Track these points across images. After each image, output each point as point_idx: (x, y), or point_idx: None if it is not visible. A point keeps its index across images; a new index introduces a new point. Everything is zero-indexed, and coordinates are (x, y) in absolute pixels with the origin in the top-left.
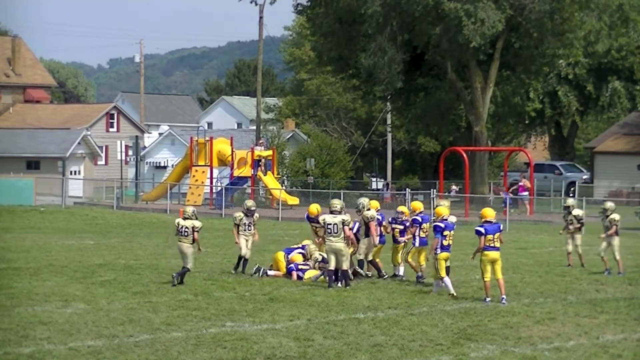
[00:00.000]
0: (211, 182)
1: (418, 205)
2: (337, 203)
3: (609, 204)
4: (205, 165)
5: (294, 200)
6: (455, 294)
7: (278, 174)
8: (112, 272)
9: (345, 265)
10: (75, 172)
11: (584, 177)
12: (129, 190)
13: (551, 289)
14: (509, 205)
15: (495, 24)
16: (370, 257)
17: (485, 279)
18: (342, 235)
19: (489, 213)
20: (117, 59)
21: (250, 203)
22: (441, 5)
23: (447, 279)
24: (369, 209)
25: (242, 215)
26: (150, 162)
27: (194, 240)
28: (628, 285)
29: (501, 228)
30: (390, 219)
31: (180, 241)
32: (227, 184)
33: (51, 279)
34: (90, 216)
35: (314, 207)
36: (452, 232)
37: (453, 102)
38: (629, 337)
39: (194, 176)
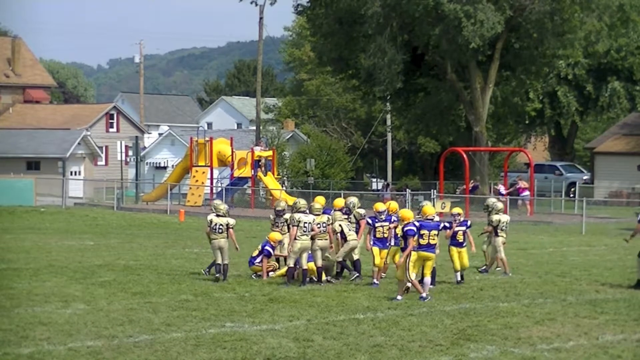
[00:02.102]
0: (211, 183)
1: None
2: (304, 203)
3: (491, 201)
4: (205, 166)
5: (293, 201)
6: (408, 288)
7: (278, 175)
8: (112, 273)
9: (320, 263)
10: (75, 172)
11: (584, 177)
12: (129, 190)
13: (551, 289)
14: (508, 205)
15: (494, 26)
16: (357, 257)
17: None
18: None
19: (430, 210)
20: (116, 59)
21: (220, 203)
22: (441, 6)
23: (426, 279)
24: (359, 207)
25: (215, 216)
26: (150, 163)
27: (227, 236)
28: (628, 285)
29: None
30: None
31: (215, 238)
32: (228, 185)
33: (51, 279)
34: (91, 217)
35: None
36: (433, 231)
37: (453, 102)
38: (628, 338)
39: (194, 176)
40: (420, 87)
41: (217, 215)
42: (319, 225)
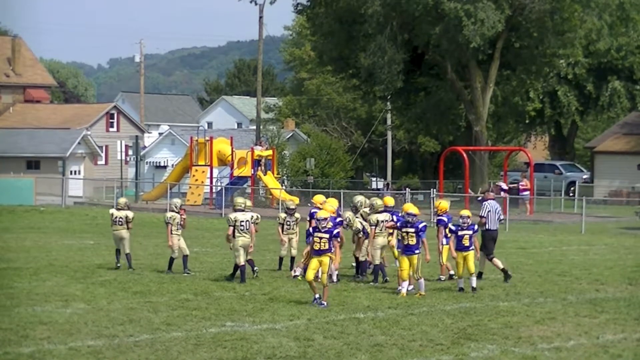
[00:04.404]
0: (211, 182)
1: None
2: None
3: (359, 198)
4: (205, 165)
5: (293, 200)
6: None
7: (278, 174)
8: (112, 272)
9: (250, 257)
10: (75, 172)
11: (584, 176)
12: (128, 190)
13: (551, 288)
14: (508, 204)
15: (495, 24)
16: (378, 261)
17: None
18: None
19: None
20: (117, 58)
21: (179, 201)
22: (441, 5)
23: (421, 281)
24: (366, 207)
25: (176, 214)
26: (150, 162)
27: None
28: (628, 284)
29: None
30: (453, 226)
31: (116, 230)
32: (227, 184)
33: (51, 278)
34: (90, 216)
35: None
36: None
37: (453, 101)
38: (629, 337)
39: (193, 176)
40: (420, 87)
41: (118, 209)
42: (242, 223)
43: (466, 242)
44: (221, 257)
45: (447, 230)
